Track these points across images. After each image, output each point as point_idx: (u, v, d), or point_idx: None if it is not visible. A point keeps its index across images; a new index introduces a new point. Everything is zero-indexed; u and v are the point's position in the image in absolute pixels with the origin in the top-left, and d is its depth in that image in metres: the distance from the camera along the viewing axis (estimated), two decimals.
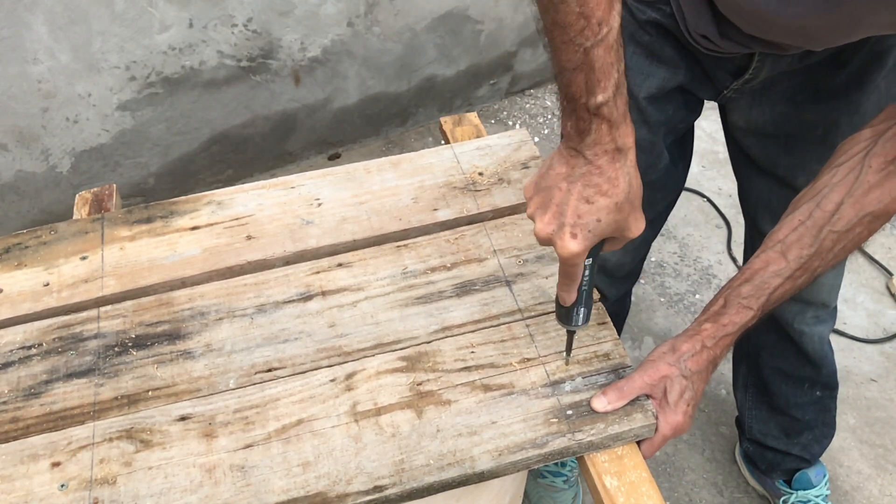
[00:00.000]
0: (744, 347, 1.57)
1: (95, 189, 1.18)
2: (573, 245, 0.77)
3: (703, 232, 2.27)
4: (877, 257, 2.18)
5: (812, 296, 1.34)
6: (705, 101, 1.19)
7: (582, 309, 0.87)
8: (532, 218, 0.81)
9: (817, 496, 1.61)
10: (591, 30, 0.72)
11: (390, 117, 2.52)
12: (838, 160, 0.87)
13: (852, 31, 0.87)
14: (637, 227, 0.81)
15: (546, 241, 0.80)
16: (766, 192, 1.25)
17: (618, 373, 0.92)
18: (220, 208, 1.11)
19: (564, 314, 0.88)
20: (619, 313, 1.55)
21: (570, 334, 0.91)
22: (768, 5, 0.84)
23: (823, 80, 1.07)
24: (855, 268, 2.15)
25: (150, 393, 0.91)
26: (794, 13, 0.83)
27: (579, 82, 0.74)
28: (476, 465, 0.84)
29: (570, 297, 0.85)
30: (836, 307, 1.42)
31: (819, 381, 1.49)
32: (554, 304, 0.93)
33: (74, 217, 1.13)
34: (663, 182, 1.23)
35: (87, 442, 0.86)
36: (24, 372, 0.93)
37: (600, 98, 0.74)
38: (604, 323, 0.97)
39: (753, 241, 1.36)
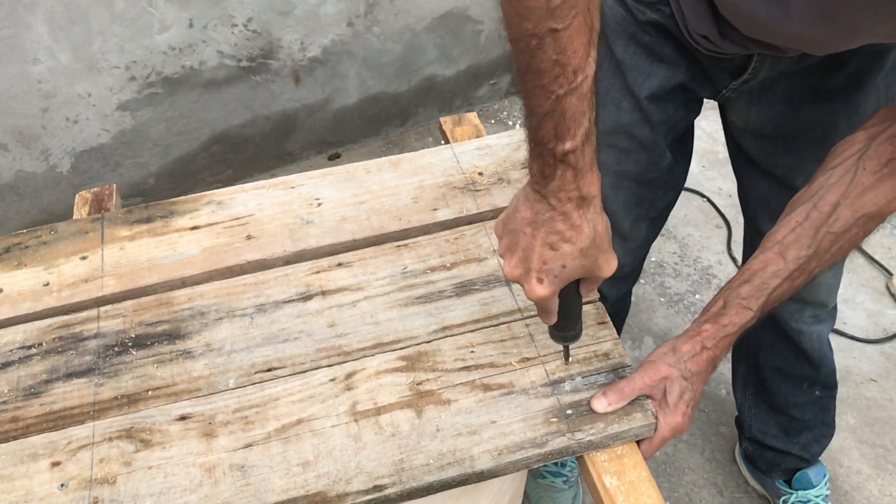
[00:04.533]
0: (743, 347, 1.57)
1: (95, 189, 1.18)
2: (540, 290, 0.80)
3: (703, 232, 2.27)
4: (877, 257, 2.18)
5: (809, 295, 1.34)
6: (705, 101, 1.19)
7: (574, 328, 0.89)
8: (501, 258, 0.83)
9: (817, 496, 1.61)
10: (566, 77, 0.71)
11: (390, 117, 2.52)
12: (833, 162, 0.88)
13: (850, 40, 0.88)
14: (608, 267, 0.82)
15: (515, 282, 0.82)
16: (764, 192, 1.25)
17: (617, 372, 0.92)
18: (220, 208, 1.11)
19: (556, 333, 0.90)
20: (619, 313, 1.55)
21: (565, 346, 0.92)
22: (768, 16, 0.85)
23: (822, 80, 1.07)
24: (855, 268, 2.15)
25: (149, 392, 0.91)
26: (792, 25, 0.83)
27: (548, 128, 0.73)
28: (476, 465, 0.84)
29: (551, 322, 0.87)
30: (835, 307, 1.42)
31: (818, 380, 1.49)
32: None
33: (74, 217, 1.13)
34: (664, 180, 1.23)
35: (86, 441, 0.87)
36: (24, 371, 0.93)
37: (568, 146, 0.74)
38: (603, 322, 0.97)
39: (753, 241, 1.36)
